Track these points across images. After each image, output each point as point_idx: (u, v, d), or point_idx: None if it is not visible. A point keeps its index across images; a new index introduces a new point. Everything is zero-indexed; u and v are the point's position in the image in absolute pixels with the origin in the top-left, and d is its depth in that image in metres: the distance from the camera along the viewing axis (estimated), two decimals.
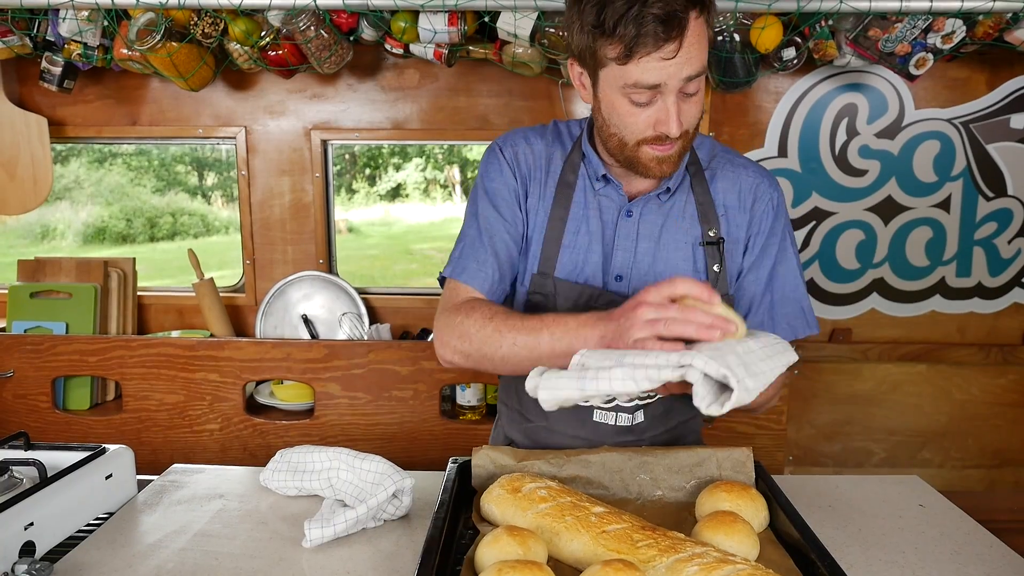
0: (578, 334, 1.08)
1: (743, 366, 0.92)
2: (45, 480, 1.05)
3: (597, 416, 1.30)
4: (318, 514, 1.07)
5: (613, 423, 1.30)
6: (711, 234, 1.26)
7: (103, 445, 1.18)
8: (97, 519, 1.15)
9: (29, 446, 1.18)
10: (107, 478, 1.15)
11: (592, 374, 0.96)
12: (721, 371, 0.90)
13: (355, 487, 1.12)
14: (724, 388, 0.93)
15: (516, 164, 1.30)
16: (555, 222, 1.28)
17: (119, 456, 1.18)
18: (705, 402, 0.92)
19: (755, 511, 1.05)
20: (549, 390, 0.98)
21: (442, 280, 1.34)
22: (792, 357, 1.03)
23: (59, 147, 2.99)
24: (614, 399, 1.25)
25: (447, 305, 1.27)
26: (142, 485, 1.25)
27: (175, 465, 1.32)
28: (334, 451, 1.17)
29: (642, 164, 1.18)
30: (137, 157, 7.51)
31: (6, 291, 2.43)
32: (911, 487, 1.25)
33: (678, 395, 1.27)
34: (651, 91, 1.08)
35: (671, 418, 1.34)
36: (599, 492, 1.15)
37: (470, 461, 1.17)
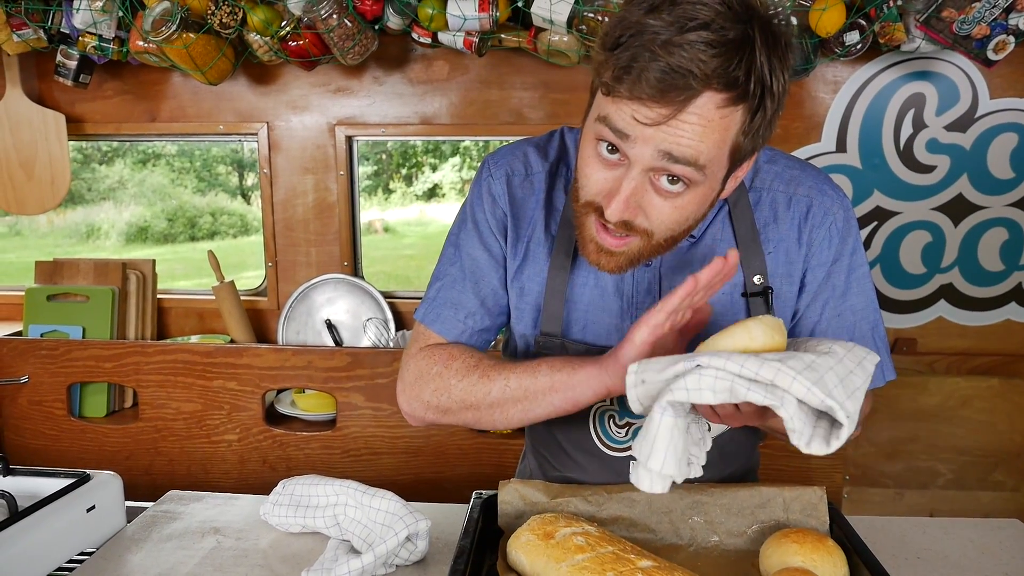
0: (579, 368, 0.96)
1: (842, 386, 0.75)
2: (16, 515, 0.93)
3: None
4: (319, 561, 0.93)
5: None
6: (756, 281, 1.02)
7: (86, 472, 1.06)
8: (81, 555, 1.03)
9: (7, 472, 1.07)
10: (89, 510, 1.03)
11: (681, 372, 0.80)
12: (827, 402, 0.73)
13: (363, 527, 0.98)
14: (821, 414, 0.77)
15: (507, 194, 1.08)
16: (557, 271, 1.05)
17: (104, 485, 1.06)
18: (804, 438, 0.74)
19: (833, 567, 0.88)
20: (638, 387, 0.83)
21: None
22: (873, 359, 0.83)
23: (104, 147, 2.94)
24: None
25: (416, 352, 1.10)
26: (134, 513, 1.13)
27: (171, 492, 1.20)
28: (341, 484, 1.03)
29: (582, 241, 0.94)
30: (179, 158, 7.59)
31: (24, 293, 2.35)
32: (1014, 534, 1.06)
33: (735, 434, 1.11)
34: (621, 142, 0.84)
35: (729, 463, 1.13)
36: (644, 536, 1.00)
37: (496, 496, 1.03)
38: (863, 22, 1.85)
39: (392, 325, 2.35)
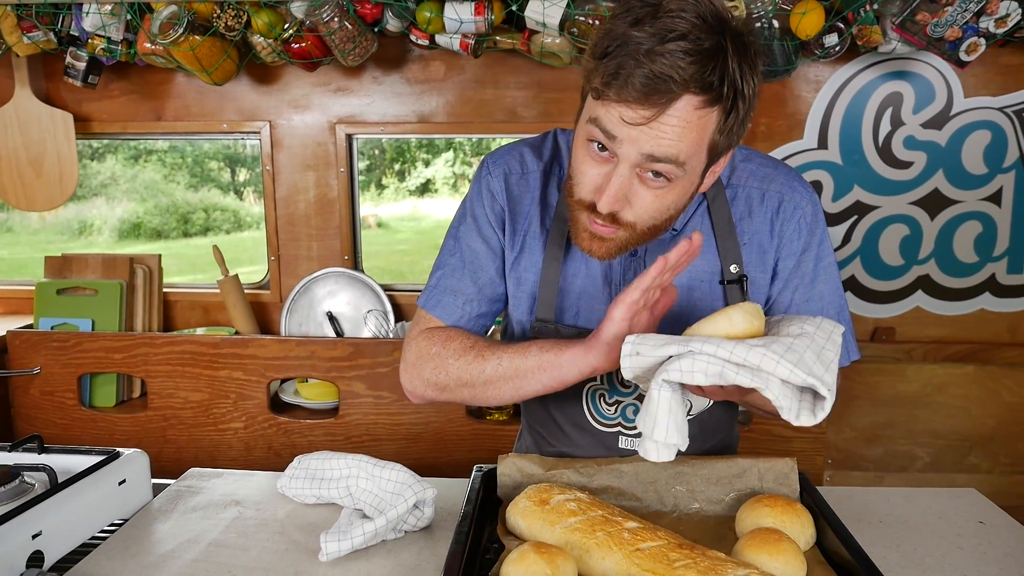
0: (566, 348, 1.03)
1: (819, 362, 0.85)
2: (55, 487, 1.02)
3: (623, 443, 1.19)
4: (335, 526, 1.02)
5: None
6: (732, 270, 1.11)
7: (117, 449, 1.14)
8: (112, 525, 1.11)
9: (43, 450, 1.15)
10: (120, 484, 1.11)
11: (675, 354, 0.89)
12: (808, 380, 0.82)
13: (374, 496, 1.06)
14: (804, 389, 0.86)
15: (505, 191, 1.16)
16: (551, 262, 1.13)
17: (133, 461, 1.14)
18: (793, 413, 0.84)
19: (801, 528, 0.97)
20: (632, 356, 0.91)
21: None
22: (840, 330, 0.93)
23: (95, 144, 3.00)
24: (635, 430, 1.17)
25: (417, 334, 1.18)
26: (158, 489, 1.21)
27: (192, 469, 1.28)
28: (353, 458, 1.12)
29: (575, 231, 1.03)
30: (171, 154, 7.60)
31: (34, 287, 2.43)
32: (969, 501, 1.16)
33: (714, 411, 1.20)
34: (609, 142, 0.93)
35: (709, 438, 1.23)
36: (632, 504, 1.09)
37: (496, 469, 1.12)
38: (841, 25, 1.94)
39: (392, 317, 2.44)
